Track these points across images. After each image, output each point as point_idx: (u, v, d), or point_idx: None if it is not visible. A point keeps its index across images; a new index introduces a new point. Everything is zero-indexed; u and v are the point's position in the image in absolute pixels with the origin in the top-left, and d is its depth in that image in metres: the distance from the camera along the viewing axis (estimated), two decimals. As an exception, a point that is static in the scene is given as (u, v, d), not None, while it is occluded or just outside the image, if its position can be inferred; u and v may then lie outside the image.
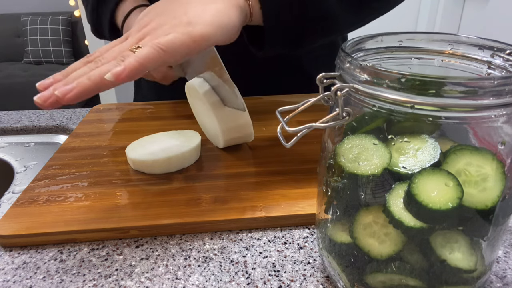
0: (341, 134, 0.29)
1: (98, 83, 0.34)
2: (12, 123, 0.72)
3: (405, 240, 0.27)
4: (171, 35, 0.36)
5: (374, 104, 0.26)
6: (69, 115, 0.74)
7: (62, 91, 0.34)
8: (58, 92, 0.34)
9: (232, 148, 0.56)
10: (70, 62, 3.08)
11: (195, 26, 0.37)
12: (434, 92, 0.23)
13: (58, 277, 0.36)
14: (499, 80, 0.23)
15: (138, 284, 0.35)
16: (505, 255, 0.38)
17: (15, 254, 0.39)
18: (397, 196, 0.26)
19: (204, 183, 0.48)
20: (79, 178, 0.49)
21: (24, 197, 0.45)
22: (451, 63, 0.31)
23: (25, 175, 0.59)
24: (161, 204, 0.44)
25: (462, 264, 0.26)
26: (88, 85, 0.34)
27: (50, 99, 0.34)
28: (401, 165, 0.26)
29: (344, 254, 0.31)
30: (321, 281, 0.35)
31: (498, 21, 1.72)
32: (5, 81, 2.84)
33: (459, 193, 0.24)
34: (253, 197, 0.44)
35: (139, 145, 0.53)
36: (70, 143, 0.59)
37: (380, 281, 0.29)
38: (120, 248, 0.40)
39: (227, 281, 0.35)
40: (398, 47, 0.32)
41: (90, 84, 0.34)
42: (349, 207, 0.29)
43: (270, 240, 0.40)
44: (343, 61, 0.28)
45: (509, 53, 0.28)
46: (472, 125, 0.26)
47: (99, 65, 0.36)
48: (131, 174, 0.50)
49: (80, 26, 2.93)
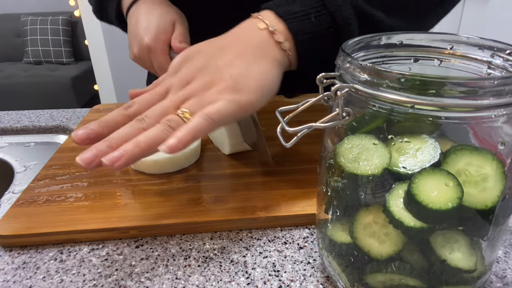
0: (341, 134, 0.29)
1: (147, 151, 0.34)
2: (12, 123, 0.72)
3: (405, 240, 0.27)
4: (220, 104, 0.36)
5: (374, 104, 0.26)
6: (69, 115, 0.74)
7: (110, 159, 0.32)
8: (107, 160, 0.32)
9: (232, 148, 0.56)
10: (70, 62, 3.08)
11: (242, 94, 0.37)
12: (434, 92, 0.23)
13: (58, 277, 0.36)
14: (499, 80, 0.23)
15: (138, 284, 0.35)
16: (505, 255, 0.38)
17: (15, 254, 0.39)
18: (397, 196, 0.26)
19: (204, 183, 0.48)
20: (79, 178, 0.49)
21: (24, 197, 0.45)
22: (451, 63, 0.31)
23: (25, 175, 0.59)
24: (161, 204, 0.44)
25: (462, 264, 0.26)
26: (137, 153, 0.33)
27: (94, 163, 0.33)
28: (401, 165, 0.26)
29: (344, 254, 0.31)
30: (321, 281, 0.35)
31: (498, 21, 1.72)
32: (5, 81, 2.84)
33: (459, 193, 0.24)
34: (253, 197, 0.44)
35: None
36: (70, 143, 0.59)
37: (380, 281, 0.29)
38: (120, 248, 0.40)
39: (227, 281, 0.35)
40: (398, 47, 0.32)
41: (139, 151, 0.33)
42: (349, 207, 0.29)
43: (270, 240, 0.40)
44: (343, 61, 0.28)
45: (509, 53, 0.28)
46: (472, 125, 0.26)
47: (144, 126, 0.35)
48: (131, 174, 0.50)
49: (80, 26, 2.93)
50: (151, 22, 0.56)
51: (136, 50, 0.57)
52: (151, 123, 0.36)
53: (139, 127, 0.36)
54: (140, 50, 0.56)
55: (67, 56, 3.07)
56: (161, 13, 0.56)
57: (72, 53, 3.10)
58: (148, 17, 0.56)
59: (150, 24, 0.55)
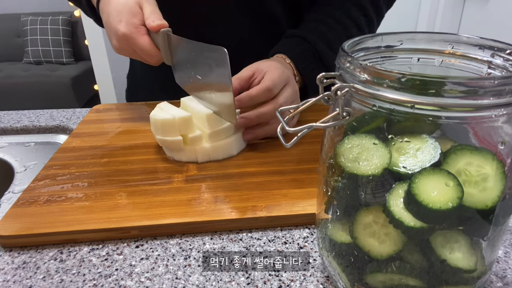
0: (341, 134, 0.29)
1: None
2: (12, 123, 0.72)
3: (405, 240, 0.27)
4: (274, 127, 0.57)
5: (374, 104, 0.26)
6: (69, 115, 0.74)
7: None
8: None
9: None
10: (70, 62, 3.08)
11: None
12: (434, 91, 0.23)
13: (58, 277, 0.36)
14: (499, 80, 0.23)
15: (138, 284, 0.35)
16: (505, 255, 0.38)
17: (15, 254, 0.39)
18: (397, 196, 0.26)
19: (204, 183, 0.48)
20: (79, 178, 0.49)
21: (24, 197, 0.45)
22: (451, 63, 0.31)
23: (25, 175, 0.59)
24: (161, 204, 0.44)
25: (462, 264, 0.26)
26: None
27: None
28: (401, 165, 0.26)
29: (344, 254, 0.31)
30: (321, 281, 0.35)
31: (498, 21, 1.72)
32: (5, 81, 2.84)
33: (459, 193, 0.24)
34: (254, 197, 0.44)
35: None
36: (70, 143, 0.59)
37: (380, 281, 0.29)
38: (120, 248, 0.40)
39: (227, 281, 0.35)
40: (398, 47, 0.32)
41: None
42: (349, 207, 0.29)
43: (270, 240, 0.40)
44: (343, 60, 0.28)
45: (509, 53, 0.28)
46: (472, 125, 0.26)
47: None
48: (132, 174, 0.50)
49: (80, 26, 2.93)
50: (119, 11, 0.56)
51: (115, 42, 0.58)
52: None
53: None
54: (118, 41, 0.57)
55: (67, 56, 3.07)
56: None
57: (72, 53, 3.10)
58: (116, 7, 0.57)
59: (119, 13, 0.56)
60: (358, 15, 0.68)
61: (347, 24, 0.67)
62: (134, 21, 0.55)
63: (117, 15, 0.56)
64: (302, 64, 0.63)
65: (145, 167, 0.52)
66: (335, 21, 0.67)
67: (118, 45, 0.58)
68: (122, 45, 0.58)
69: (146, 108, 0.72)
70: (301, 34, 0.65)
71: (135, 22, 0.55)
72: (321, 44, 0.64)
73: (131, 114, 0.70)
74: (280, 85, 0.55)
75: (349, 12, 0.68)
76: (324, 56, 0.64)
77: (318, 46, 0.64)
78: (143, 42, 0.56)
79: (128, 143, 0.58)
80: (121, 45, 0.58)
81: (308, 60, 0.64)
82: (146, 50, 0.56)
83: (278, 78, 0.54)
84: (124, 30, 0.55)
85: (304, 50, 0.64)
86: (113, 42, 0.59)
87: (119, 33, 0.56)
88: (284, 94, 0.55)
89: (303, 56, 0.63)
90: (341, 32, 0.66)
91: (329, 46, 0.65)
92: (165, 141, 0.52)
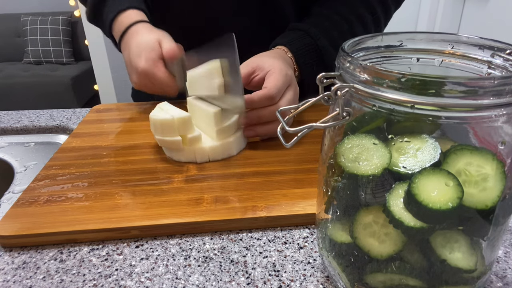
0: (341, 134, 0.29)
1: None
2: (12, 123, 0.72)
3: (405, 240, 0.27)
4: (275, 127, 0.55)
5: (374, 104, 0.26)
6: (69, 115, 0.74)
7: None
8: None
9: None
10: (70, 62, 3.08)
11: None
12: (434, 92, 0.23)
13: (58, 277, 0.36)
14: (499, 80, 0.23)
15: (138, 284, 0.35)
16: (505, 255, 0.38)
17: (15, 254, 0.39)
18: (397, 196, 0.26)
19: (204, 183, 0.48)
20: (79, 178, 0.49)
21: (24, 197, 0.45)
22: (451, 63, 0.31)
23: (25, 175, 0.59)
24: (162, 204, 0.44)
25: (462, 264, 0.26)
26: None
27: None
28: (401, 165, 0.26)
29: (344, 254, 0.31)
30: (321, 281, 0.35)
31: (498, 21, 1.72)
32: (5, 81, 2.84)
33: (459, 193, 0.24)
34: (254, 197, 0.44)
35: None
36: (70, 143, 0.59)
37: (380, 281, 0.29)
38: (120, 248, 0.40)
39: (227, 281, 0.35)
40: (398, 47, 0.32)
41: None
42: (349, 207, 0.29)
43: (270, 240, 0.40)
44: (343, 60, 0.28)
45: (509, 53, 0.28)
46: (472, 125, 0.26)
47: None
48: (132, 174, 0.50)
49: (80, 26, 2.93)
50: (139, 47, 0.59)
51: (135, 78, 0.61)
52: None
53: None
54: (139, 77, 0.60)
55: (67, 56, 3.07)
56: (145, 37, 0.60)
57: (72, 53, 3.10)
58: (137, 44, 0.60)
59: (139, 50, 0.59)
60: (365, 13, 0.68)
61: (353, 21, 0.67)
62: (152, 56, 0.58)
63: (137, 51, 0.59)
64: (302, 58, 0.63)
65: (145, 167, 0.52)
66: (340, 17, 0.66)
67: (139, 82, 0.61)
68: (141, 80, 0.60)
69: (147, 108, 0.72)
70: (305, 28, 0.65)
71: (153, 57, 0.58)
72: (323, 40, 0.64)
73: (131, 114, 0.70)
74: (283, 90, 0.55)
75: (356, 9, 0.67)
76: (325, 52, 0.64)
77: (320, 42, 0.64)
78: (161, 75, 0.59)
79: (128, 143, 0.58)
80: (141, 80, 0.60)
81: (309, 55, 0.64)
82: (164, 82, 0.59)
83: (282, 84, 0.54)
84: (143, 66, 0.58)
85: (306, 44, 0.64)
86: (133, 78, 0.62)
87: (139, 69, 0.59)
88: (286, 97, 0.55)
89: (304, 51, 0.63)
90: (345, 29, 0.66)
91: (332, 43, 0.65)
92: (164, 141, 0.52)
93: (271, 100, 0.54)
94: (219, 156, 0.53)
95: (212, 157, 0.53)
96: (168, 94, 0.61)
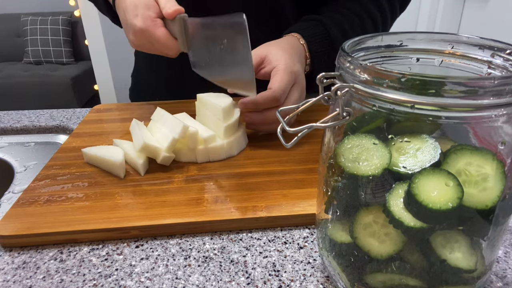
0: (341, 134, 0.29)
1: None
2: (12, 123, 0.72)
3: (405, 240, 0.27)
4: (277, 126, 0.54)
5: (374, 104, 0.26)
6: (69, 115, 0.74)
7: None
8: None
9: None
10: (70, 62, 3.08)
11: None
12: (434, 91, 0.23)
13: (58, 277, 0.36)
14: (499, 80, 0.23)
15: (138, 284, 0.35)
16: (505, 255, 0.38)
17: (15, 254, 0.39)
18: (397, 196, 0.26)
19: (204, 183, 0.48)
20: (79, 178, 0.49)
21: (25, 197, 0.45)
22: (451, 63, 0.31)
23: (25, 175, 0.59)
24: (162, 204, 0.44)
25: (462, 264, 0.26)
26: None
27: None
28: (401, 165, 0.26)
29: (344, 254, 0.31)
30: (321, 281, 0.35)
31: (498, 21, 1.72)
32: (5, 81, 2.84)
33: (459, 193, 0.24)
34: (254, 197, 0.44)
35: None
36: (71, 143, 0.59)
37: (380, 281, 0.29)
38: (120, 248, 0.40)
39: (227, 281, 0.35)
40: (398, 46, 0.32)
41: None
42: (349, 207, 0.29)
43: (270, 240, 0.40)
44: (344, 60, 0.28)
45: (509, 53, 0.28)
46: (472, 125, 0.26)
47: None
48: (132, 174, 0.50)
49: (80, 26, 2.93)
50: (135, 5, 0.56)
51: (132, 37, 0.58)
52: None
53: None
54: (135, 36, 0.57)
55: (67, 56, 3.07)
56: None
57: (72, 53, 3.10)
58: (132, 2, 0.57)
59: (135, 7, 0.56)
60: (374, 10, 0.69)
61: (363, 17, 0.68)
62: (149, 14, 0.55)
63: (133, 10, 0.56)
64: (314, 46, 0.64)
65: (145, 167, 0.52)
66: (351, 12, 0.68)
67: (135, 40, 0.58)
68: (139, 40, 0.57)
69: (147, 108, 0.72)
70: (318, 18, 0.67)
71: (151, 15, 0.55)
72: (335, 30, 0.65)
73: (131, 114, 0.70)
74: (288, 90, 0.55)
75: (366, 6, 0.69)
76: (337, 41, 0.65)
77: (332, 30, 0.65)
78: (160, 34, 0.55)
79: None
80: (138, 40, 0.57)
81: (321, 43, 0.65)
82: (163, 42, 0.56)
83: (287, 83, 0.54)
84: (140, 24, 0.55)
85: (318, 33, 0.65)
86: (130, 37, 0.59)
87: (136, 28, 0.56)
88: (291, 98, 0.55)
89: (317, 38, 0.64)
90: (356, 23, 0.68)
91: (343, 33, 0.66)
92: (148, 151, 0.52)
93: (276, 102, 0.54)
94: (219, 156, 0.53)
95: (212, 157, 0.53)
96: (168, 55, 0.59)
